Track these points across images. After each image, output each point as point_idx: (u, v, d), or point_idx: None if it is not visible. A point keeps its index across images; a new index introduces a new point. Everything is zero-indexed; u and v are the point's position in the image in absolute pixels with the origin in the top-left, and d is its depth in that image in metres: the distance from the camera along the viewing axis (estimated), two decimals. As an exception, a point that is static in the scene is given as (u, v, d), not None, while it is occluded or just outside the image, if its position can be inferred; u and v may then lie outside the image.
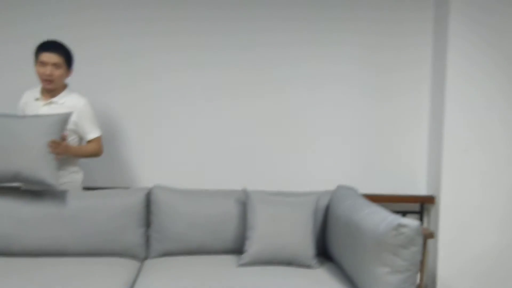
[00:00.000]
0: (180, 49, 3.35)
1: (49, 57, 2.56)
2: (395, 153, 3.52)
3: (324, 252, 2.66)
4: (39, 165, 2.41)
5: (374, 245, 1.96)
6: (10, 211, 2.46)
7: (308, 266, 2.42)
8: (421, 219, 3.48)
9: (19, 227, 2.47)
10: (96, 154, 2.75)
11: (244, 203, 2.62)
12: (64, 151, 2.54)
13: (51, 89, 2.64)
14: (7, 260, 2.39)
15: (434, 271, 3.33)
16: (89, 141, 2.73)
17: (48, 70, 2.56)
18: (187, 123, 3.39)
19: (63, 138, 2.54)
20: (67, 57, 2.63)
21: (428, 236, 2.10)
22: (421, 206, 3.48)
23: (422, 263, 2.05)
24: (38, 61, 2.59)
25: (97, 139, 2.73)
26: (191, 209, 2.61)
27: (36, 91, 2.70)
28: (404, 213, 3.45)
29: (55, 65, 2.58)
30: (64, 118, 2.52)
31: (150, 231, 2.64)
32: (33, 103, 2.67)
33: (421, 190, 3.52)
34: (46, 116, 2.53)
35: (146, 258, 2.62)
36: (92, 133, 2.72)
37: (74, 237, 2.50)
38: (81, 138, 2.74)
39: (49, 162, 2.45)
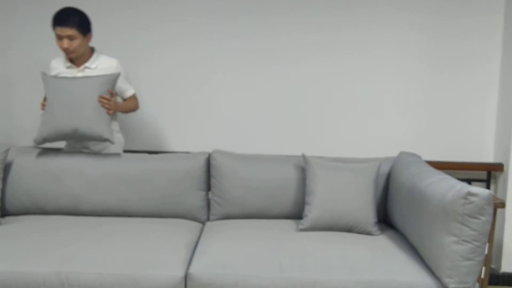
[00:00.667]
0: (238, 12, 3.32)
1: (62, 30, 2.54)
2: (461, 119, 3.38)
3: (384, 219, 2.62)
4: (95, 121, 2.52)
5: (441, 214, 1.89)
6: (80, 173, 2.56)
7: (368, 233, 2.39)
8: (487, 188, 3.34)
9: (87, 188, 2.57)
10: (135, 109, 2.87)
11: (303, 168, 2.60)
12: (114, 106, 2.62)
13: (75, 58, 2.66)
14: (76, 219, 2.51)
15: (500, 241, 3.21)
16: (127, 99, 2.82)
17: (64, 43, 2.56)
18: (240, 89, 3.39)
19: (111, 94, 2.60)
20: (79, 26, 2.57)
21: (499, 205, 2.00)
22: (488, 174, 3.33)
23: (491, 233, 1.95)
24: (56, 34, 2.59)
25: (134, 96, 2.84)
26: (250, 174, 2.62)
27: (63, 59, 2.72)
28: (469, 181, 3.33)
29: (69, 37, 2.55)
30: (114, 78, 2.60)
31: (210, 194, 2.68)
32: (66, 71, 2.69)
33: (489, 157, 3.37)
34: (97, 76, 2.59)
35: (207, 220, 2.68)
36: (129, 91, 2.82)
37: (139, 199, 2.58)
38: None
39: (104, 118, 2.56)
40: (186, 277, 1.99)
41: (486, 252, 1.96)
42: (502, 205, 2.02)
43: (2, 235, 2.23)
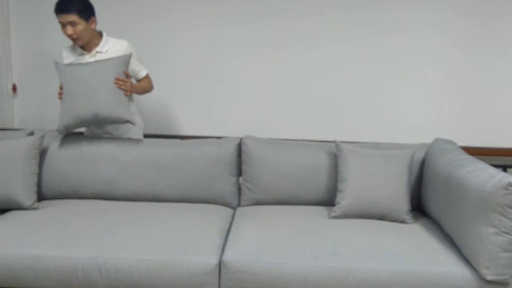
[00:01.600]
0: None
1: (63, 17, 2.53)
2: (495, 104, 3.30)
3: (418, 207, 2.58)
4: (114, 104, 2.53)
5: (480, 204, 1.85)
6: (114, 158, 2.59)
7: (402, 221, 2.36)
8: (523, 174, 3.25)
9: (121, 173, 2.60)
10: (150, 89, 2.85)
11: (335, 155, 2.57)
12: (131, 87, 2.62)
13: (82, 44, 2.65)
14: (110, 203, 2.55)
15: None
16: (140, 80, 2.81)
17: (68, 30, 2.55)
18: (267, 72, 3.36)
19: (127, 76, 2.60)
20: (80, 12, 2.54)
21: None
22: (525, 160, 3.25)
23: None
24: (59, 22, 2.58)
25: (148, 76, 2.82)
26: (281, 160, 2.61)
27: (74, 47, 2.71)
28: (505, 167, 3.25)
29: (71, 23, 2.53)
30: (127, 59, 2.59)
31: (241, 180, 2.69)
32: (79, 58, 2.69)
33: (525, 143, 3.28)
34: (110, 59, 2.59)
35: (238, 206, 2.69)
36: (142, 71, 2.81)
37: (170, 184, 2.60)
38: None
39: (122, 100, 2.56)
40: (220, 264, 2.00)
41: (526, 243, 1.90)
42: (544, 196, 1.96)
43: (40, 220, 2.28)
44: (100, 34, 2.73)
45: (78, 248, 2.01)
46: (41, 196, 2.61)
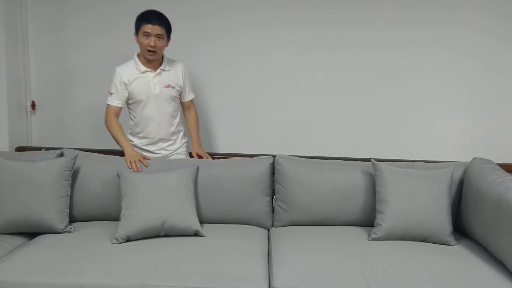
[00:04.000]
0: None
1: (153, 28, 2.58)
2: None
3: (456, 228, 2.54)
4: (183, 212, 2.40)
5: (538, 229, 1.82)
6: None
7: (444, 243, 2.33)
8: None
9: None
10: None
11: (371, 174, 2.54)
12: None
13: (154, 59, 2.66)
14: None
15: None
16: (186, 102, 2.89)
17: (152, 41, 2.58)
18: (289, 89, 3.33)
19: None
20: (168, 28, 2.65)
21: None
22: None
23: None
24: (141, 32, 2.60)
25: (193, 101, 2.90)
26: (315, 179, 2.57)
27: (132, 65, 2.70)
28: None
29: (158, 36, 2.60)
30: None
31: (275, 200, 2.64)
32: (141, 75, 2.68)
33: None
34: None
35: (271, 226, 2.64)
36: (191, 95, 2.90)
37: (204, 204, 2.55)
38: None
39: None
40: (270, 290, 1.95)
41: None
42: None
43: (77, 245, 2.21)
44: (163, 54, 2.78)
45: (124, 276, 1.95)
46: (72, 218, 2.54)
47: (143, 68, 2.69)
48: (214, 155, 2.99)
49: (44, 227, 2.37)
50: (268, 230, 2.61)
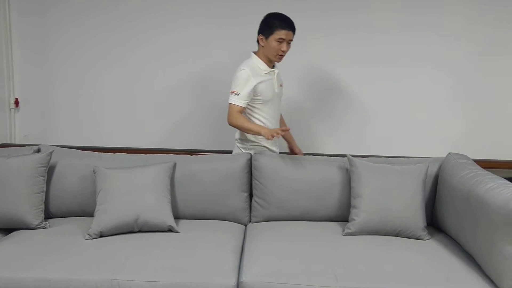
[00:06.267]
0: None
1: (288, 34, 2.59)
2: (505, 117, 3.27)
3: (431, 222, 2.55)
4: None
5: (504, 223, 1.82)
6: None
7: (418, 237, 2.33)
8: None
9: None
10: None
11: (347, 170, 2.54)
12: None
13: (278, 62, 2.69)
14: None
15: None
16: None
17: (284, 46, 2.59)
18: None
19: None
20: (294, 34, 2.64)
21: None
22: (534, 173, 3.23)
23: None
24: (274, 37, 2.57)
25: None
26: (292, 175, 2.57)
27: (255, 65, 2.65)
28: (513, 180, 3.24)
29: (290, 42, 2.62)
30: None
31: (252, 196, 2.64)
32: (265, 75, 2.66)
33: (535, 155, 3.27)
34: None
35: (248, 222, 2.64)
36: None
37: (181, 200, 2.55)
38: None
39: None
40: (238, 285, 1.96)
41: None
42: None
43: (50, 241, 2.22)
44: None
45: (92, 271, 1.96)
46: (48, 214, 2.55)
47: (268, 68, 2.67)
48: (192, 152, 3.00)
49: (19, 223, 2.38)
50: (246, 226, 2.62)
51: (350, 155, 2.54)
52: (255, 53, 2.69)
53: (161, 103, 3.42)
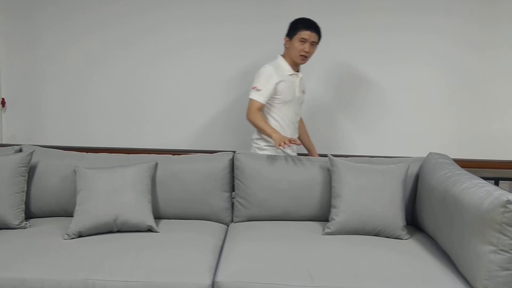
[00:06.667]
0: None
1: (311, 35, 2.65)
2: (489, 116, 3.28)
3: (412, 222, 2.55)
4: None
5: (478, 222, 1.82)
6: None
7: (397, 237, 2.34)
8: (517, 187, 3.25)
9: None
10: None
11: (328, 169, 2.54)
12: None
13: (303, 64, 2.74)
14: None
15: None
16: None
17: (307, 47, 2.65)
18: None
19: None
20: (320, 37, 2.72)
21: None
22: (518, 172, 3.24)
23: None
24: (297, 37, 2.65)
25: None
26: (274, 175, 2.57)
27: (279, 66, 2.72)
28: (497, 180, 3.24)
29: (313, 43, 2.68)
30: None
31: (234, 195, 2.64)
32: (288, 77, 2.72)
33: (518, 155, 3.27)
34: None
35: (231, 222, 2.65)
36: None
37: (163, 200, 2.56)
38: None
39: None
40: (213, 285, 1.95)
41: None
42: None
43: (28, 241, 2.22)
44: None
45: (67, 271, 1.95)
46: (29, 214, 2.55)
47: (291, 70, 2.73)
48: (175, 152, 3.00)
49: (-1, 222, 2.38)
50: (228, 226, 2.62)
51: (332, 154, 2.54)
52: (281, 55, 2.76)
53: (150, 103, 3.42)
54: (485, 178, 3.14)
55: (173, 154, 2.83)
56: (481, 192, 1.88)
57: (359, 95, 3.33)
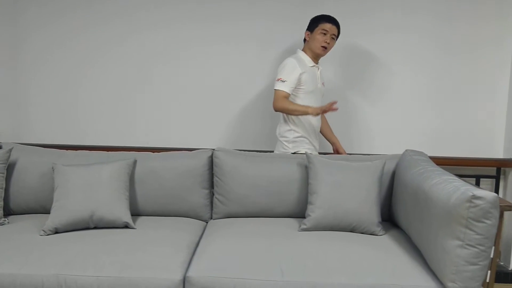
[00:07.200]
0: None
1: (332, 28, 2.80)
2: (470, 114, 3.30)
3: (390, 218, 2.58)
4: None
5: (445, 217, 1.84)
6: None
7: (372, 233, 2.35)
8: (497, 184, 3.27)
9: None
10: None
11: (306, 167, 2.56)
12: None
13: (323, 55, 2.87)
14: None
15: (509, 238, 3.15)
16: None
17: (328, 38, 2.80)
18: (237, 85, 3.35)
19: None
20: (339, 33, 2.88)
21: (506, 208, 1.94)
22: (498, 170, 3.26)
23: (497, 237, 1.90)
24: (319, 29, 2.80)
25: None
26: (253, 172, 2.59)
27: (300, 59, 2.83)
28: (478, 178, 3.27)
29: (333, 36, 2.83)
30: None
31: (214, 192, 2.66)
32: (309, 69, 2.84)
33: (499, 153, 3.29)
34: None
35: (210, 218, 2.66)
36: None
37: (142, 197, 2.57)
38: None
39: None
40: (184, 280, 1.97)
41: (491, 255, 1.90)
42: (509, 208, 1.96)
43: (3, 237, 2.23)
44: None
45: (40, 266, 1.96)
46: (9, 211, 2.56)
47: (312, 62, 2.86)
48: (154, 150, 3.01)
49: (-23, 219, 2.39)
50: (207, 223, 2.63)
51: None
52: (301, 50, 2.89)
53: (131, 101, 3.43)
54: (466, 176, 3.21)
55: (152, 152, 2.83)
56: (449, 188, 1.89)
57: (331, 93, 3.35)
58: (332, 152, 3.08)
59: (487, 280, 1.93)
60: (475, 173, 3.27)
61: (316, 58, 2.87)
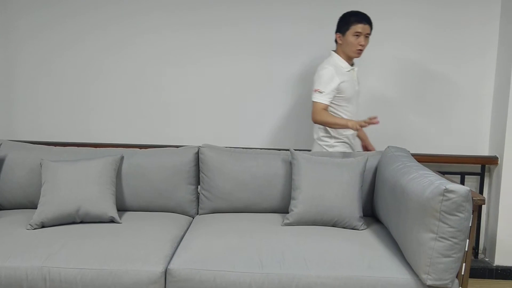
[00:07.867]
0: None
1: (365, 28, 2.65)
2: (455, 112, 3.34)
3: (372, 214, 2.62)
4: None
5: (419, 210, 1.88)
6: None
7: (353, 227, 2.39)
8: (481, 181, 3.31)
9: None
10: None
11: (290, 163, 2.60)
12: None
13: (358, 57, 2.74)
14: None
15: (493, 234, 3.19)
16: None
17: (362, 40, 2.66)
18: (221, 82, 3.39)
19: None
20: (372, 27, 2.70)
21: (479, 202, 1.98)
22: (483, 167, 3.30)
23: (472, 230, 1.95)
24: (351, 32, 2.66)
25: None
26: (238, 168, 2.63)
27: (337, 64, 2.72)
28: (463, 175, 3.31)
29: (367, 35, 2.68)
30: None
31: (200, 188, 2.70)
32: (347, 73, 2.73)
33: (483, 150, 3.33)
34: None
35: (196, 214, 2.70)
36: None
37: (129, 193, 2.62)
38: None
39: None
40: (165, 272, 2.01)
41: (466, 248, 1.94)
42: (482, 202, 2.00)
43: (-11, 230, 2.27)
44: None
45: (24, 258, 2.00)
46: (-3, 207, 2.61)
47: (348, 66, 2.74)
48: (141, 146, 3.05)
49: (-35, 214, 2.43)
50: (193, 218, 2.67)
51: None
52: (334, 51, 2.76)
53: (121, 95, 3.48)
54: (451, 173, 3.24)
55: (139, 148, 2.87)
56: (424, 182, 1.94)
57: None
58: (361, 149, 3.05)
59: (462, 273, 1.96)
60: (461, 170, 3.31)
61: (350, 59, 2.76)
